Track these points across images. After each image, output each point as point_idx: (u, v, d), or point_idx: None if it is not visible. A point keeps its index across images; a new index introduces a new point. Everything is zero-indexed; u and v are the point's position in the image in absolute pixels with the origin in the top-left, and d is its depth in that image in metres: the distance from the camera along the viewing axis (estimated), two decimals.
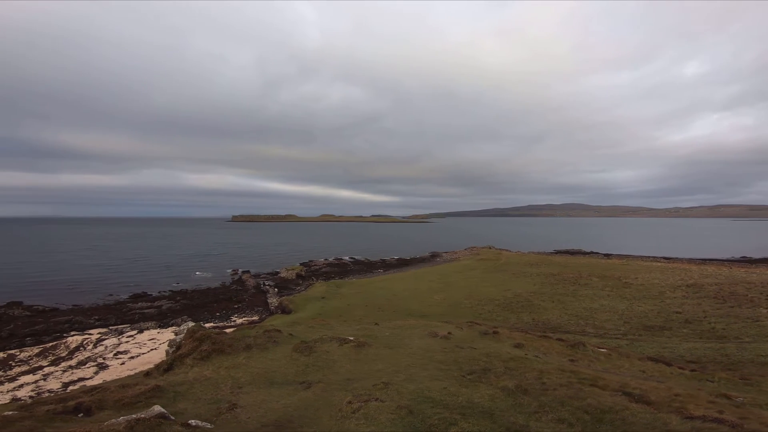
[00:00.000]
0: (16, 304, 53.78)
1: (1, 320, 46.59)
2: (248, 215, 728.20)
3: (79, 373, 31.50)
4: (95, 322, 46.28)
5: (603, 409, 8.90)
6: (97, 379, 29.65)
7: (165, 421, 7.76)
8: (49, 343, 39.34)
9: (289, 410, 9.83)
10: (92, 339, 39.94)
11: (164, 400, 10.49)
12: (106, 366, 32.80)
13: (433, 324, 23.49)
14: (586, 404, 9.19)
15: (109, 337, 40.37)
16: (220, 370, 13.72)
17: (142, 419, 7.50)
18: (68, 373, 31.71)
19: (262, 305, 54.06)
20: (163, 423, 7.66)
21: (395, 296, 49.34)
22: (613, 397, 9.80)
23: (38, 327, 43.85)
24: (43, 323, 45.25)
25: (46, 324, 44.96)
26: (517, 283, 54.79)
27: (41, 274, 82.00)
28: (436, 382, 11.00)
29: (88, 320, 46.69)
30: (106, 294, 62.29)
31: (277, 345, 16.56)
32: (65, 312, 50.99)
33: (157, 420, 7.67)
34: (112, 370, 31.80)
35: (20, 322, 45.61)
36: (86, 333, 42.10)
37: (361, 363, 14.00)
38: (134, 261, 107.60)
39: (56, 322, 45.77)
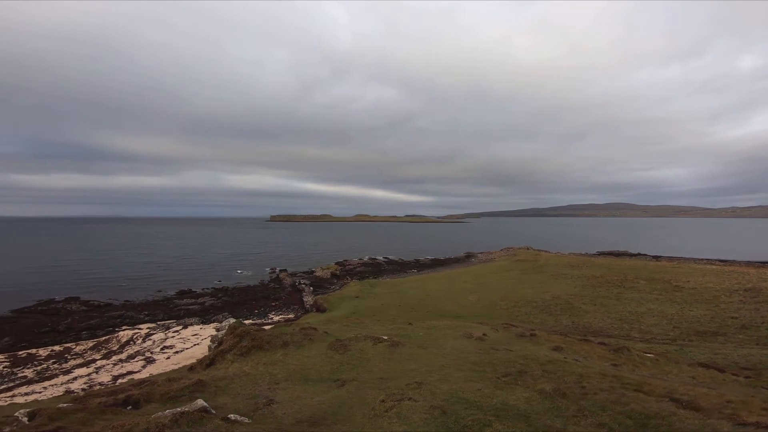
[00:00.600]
0: (74, 299, 57.76)
1: (60, 314, 50.14)
2: (285, 215, 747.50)
3: (128, 366, 33.23)
4: (144, 317, 48.93)
5: (647, 414, 8.44)
6: (144, 372, 31.11)
7: (207, 415, 8.13)
8: (103, 337, 41.69)
9: (323, 407, 9.99)
10: (141, 334, 42.10)
11: (206, 395, 10.94)
12: (153, 360, 34.41)
13: (467, 325, 23.13)
14: (629, 409, 8.75)
15: (157, 332, 42.46)
16: (259, 366, 14.14)
17: (186, 413, 7.90)
18: (118, 366, 33.48)
19: (297, 303, 55.32)
20: (205, 417, 8.03)
21: (429, 296, 49.01)
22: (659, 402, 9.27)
23: (93, 321, 46.70)
24: (97, 318, 48.22)
25: (100, 318, 47.89)
26: (556, 285, 52.93)
27: (97, 271, 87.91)
28: (471, 383, 10.82)
29: (138, 315, 49.48)
30: (155, 290, 65.86)
31: (312, 343, 16.88)
32: (118, 307, 54.33)
33: (199, 414, 8.04)
34: (158, 364, 33.32)
35: (77, 317, 48.83)
36: (136, 328, 44.42)
37: (394, 362, 14.02)
38: (181, 259, 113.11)
39: (110, 317, 48.72)
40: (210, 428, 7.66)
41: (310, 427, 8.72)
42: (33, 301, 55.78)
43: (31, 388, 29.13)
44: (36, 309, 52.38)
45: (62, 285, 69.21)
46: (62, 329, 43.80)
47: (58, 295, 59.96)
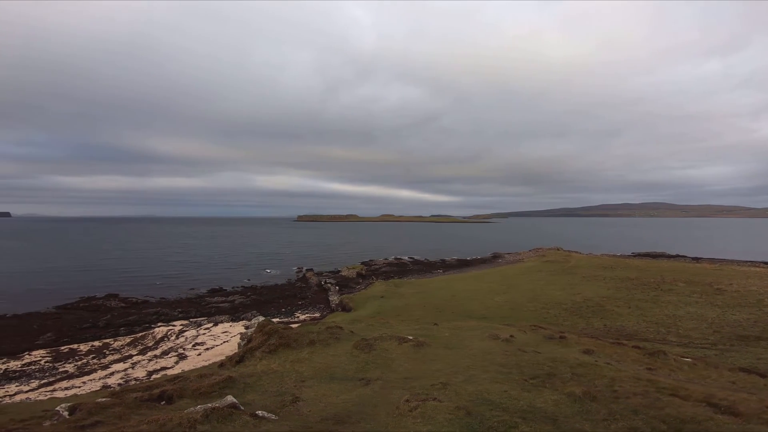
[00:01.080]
0: (113, 296, 60.28)
1: (100, 311, 52.47)
2: (312, 215, 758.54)
3: (162, 362, 34.11)
4: (178, 314, 50.50)
5: (683, 419, 8.09)
6: (176, 368, 31.80)
7: (236, 411, 8.40)
8: (139, 333, 42.98)
9: (348, 405, 10.09)
10: (175, 330, 43.33)
11: (235, 391, 11.25)
12: (185, 356, 35.27)
13: (493, 326, 22.73)
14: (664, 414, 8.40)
15: (189, 329, 43.65)
16: (286, 364, 14.41)
17: (216, 408, 8.20)
18: (153, 362, 34.37)
19: (323, 302, 55.97)
20: (234, 413, 8.30)
21: (454, 297, 48.51)
22: (695, 407, 8.87)
23: (131, 318, 48.36)
24: (135, 314, 49.93)
25: (137, 315, 49.55)
26: (587, 286, 51.27)
27: (134, 268, 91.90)
28: (496, 384, 10.65)
29: (172, 312, 51.15)
30: (188, 288, 68.20)
31: (338, 341, 17.05)
32: (154, 304, 56.50)
33: (229, 410, 8.33)
34: (190, 360, 34.14)
35: (116, 313, 50.82)
36: (170, 324, 45.72)
37: (419, 362, 13.97)
38: (212, 258, 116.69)
39: (146, 313, 50.47)
40: (238, 424, 7.90)
41: (334, 425, 8.82)
42: (76, 298, 58.73)
43: (71, 383, 30.17)
44: (78, 305, 55.15)
45: (102, 282, 72.73)
46: (102, 325, 45.57)
47: (98, 291, 62.92)
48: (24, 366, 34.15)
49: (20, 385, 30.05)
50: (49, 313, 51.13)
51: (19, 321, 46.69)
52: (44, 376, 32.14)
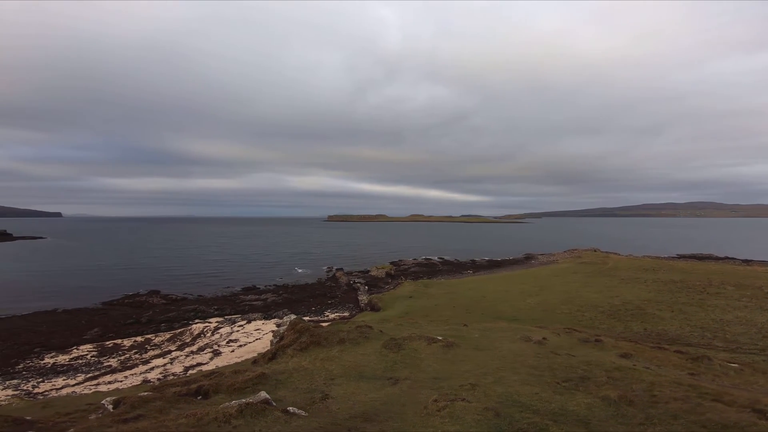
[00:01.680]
0: (155, 293, 63.14)
1: (143, 307, 55.03)
2: (342, 215, 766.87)
3: (197, 358, 35.10)
4: (214, 311, 52.13)
5: (725, 424, 7.66)
6: (211, 364, 32.48)
7: (268, 407, 8.72)
8: (178, 329, 44.47)
9: (376, 404, 10.17)
10: (211, 327, 44.50)
11: (268, 387, 11.56)
12: (220, 353, 36.13)
13: (525, 328, 22.19)
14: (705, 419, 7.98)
15: (224, 326, 44.72)
16: (316, 362, 14.65)
17: (250, 404, 8.55)
18: (189, 357, 35.39)
19: (352, 302, 56.45)
20: (267, 408, 8.62)
21: (484, 298, 47.71)
22: (739, 413, 8.38)
23: (171, 314, 50.35)
24: (174, 311, 51.99)
25: (177, 312, 51.56)
26: (627, 289, 49.12)
27: (175, 267, 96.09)
28: (527, 387, 10.43)
29: (208, 309, 52.90)
30: (224, 286, 70.59)
31: (367, 340, 17.18)
32: (192, 301, 58.77)
33: (262, 405, 8.65)
34: (224, 356, 34.91)
35: (158, 310, 53.15)
36: (207, 321, 47.04)
37: (448, 363, 13.88)
38: (247, 257, 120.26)
39: (185, 310, 52.41)
40: (270, 419, 8.18)
41: (362, 423, 8.92)
42: (121, 294, 61.95)
43: (114, 377, 31.22)
44: (123, 301, 58.16)
45: (146, 279, 76.49)
46: (144, 321, 47.66)
47: (142, 288, 66.21)
48: (71, 360, 35.74)
49: (67, 379, 31.30)
50: (97, 308, 54.23)
51: (69, 316, 49.62)
52: (90, 370, 33.47)
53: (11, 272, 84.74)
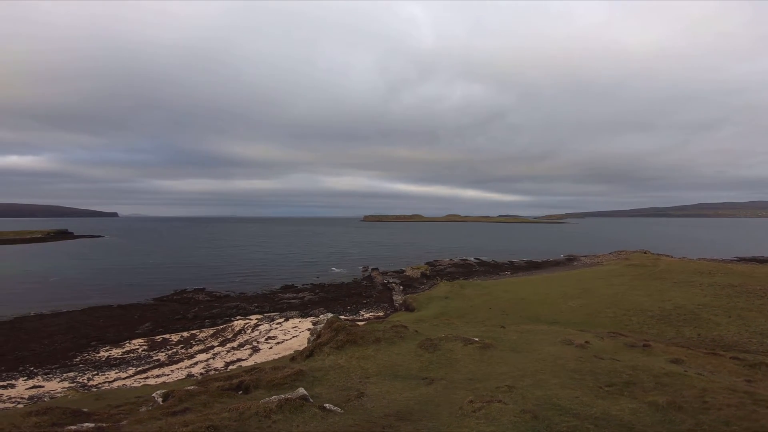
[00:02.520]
0: (201, 290, 66.10)
1: (189, 303, 57.76)
2: (378, 215, 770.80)
3: (238, 354, 36.23)
4: (254, 308, 53.80)
5: None
6: (250, 360, 33.45)
7: (306, 403, 8.98)
8: (221, 325, 46.21)
9: (411, 403, 10.17)
10: (251, 324, 45.93)
11: (305, 384, 11.84)
12: (258, 349, 37.18)
13: (566, 331, 21.34)
14: (760, 425, 7.40)
15: (263, 323, 46.05)
16: (352, 360, 14.81)
17: (289, 399, 8.84)
18: (230, 353, 36.60)
19: (387, 302, 56.56)
20: (305, 404, 8.89)
21: (522, 300, 46.36)
22: None
23: (214, 311, 52.52)
24: (218, 308, 54.17)
25: (220, 308, 53.72)
26: (679, 293, 46.16)
27: (219, 265, 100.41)
28: (567, 390, 10.03)
29: (249, 307, 54.69)
30: (263, 284, 72.87)
31: (403, 340, 17.18)
32: (234, 299, 61.07)
33: (300, 401, 8.92)
34: (262, 353, 35.86)
35: (202, 306, 55.59)
36: (247, 318, 48.64)
37: (484, 364, 13.62)
38: (286, 256, 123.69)
39: (227, 307, 54.52)
40: (308, 415, 8.42)
41: (397, 421, 8.95)
42: (170, 291, 65.39)
43: (161, 371, 32.41)
44: (172, 298, 61.37)
45: (192, 277, 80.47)
46: (190, 317, 49.88)
47: (189, 285, 69.60)
48: (124, 354, 37.60)
49: (119, 372, 32.80)
50: (149, 304, 57.54)
51: (124, 311, 52.91)
52: (140, 363, 34.92)
53: (72, 269, 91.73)
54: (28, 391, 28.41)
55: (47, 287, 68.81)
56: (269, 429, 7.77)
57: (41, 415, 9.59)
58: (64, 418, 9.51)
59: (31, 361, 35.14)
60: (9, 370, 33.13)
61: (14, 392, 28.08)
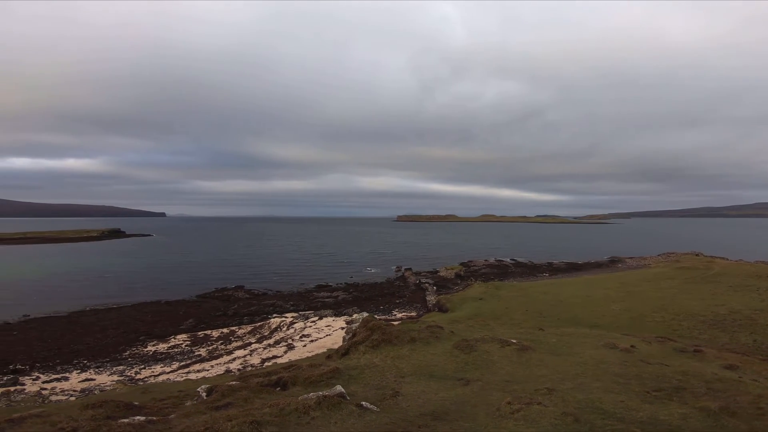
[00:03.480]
0: (240, 287, 68.40)
1: (230, 301, 59.87)
2: (411, 215, 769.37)
3: (273, 351, 36.89)
4: (290, 307, 54.91)
5: None
6: (285, 357, 33.81)
7: (343, 401, 9.14)
8: (258, 323, 47.40)
9: (447, 403, 10.10)
10: (287, 322, 46.81)
11: (341, 382, 12.01)
12: (293, 347, 37.73)
13: (610, 335, 20.43)
14: None
15: (298, 321, 46.84)
16: (387, 359, 14.87)
17: (327, 397, 9.03)
18: (266, 350, 37.31)
19: (420, 302, 56.26)
20: (342, 402, 9.04)
21: (561, 302, 44.74)
22: None
23: (252, 308, 54.06)
24: (256, 305, 55.72)
25: (258, 306, 55.25)
26: (735, 297, 43.11)
27: (258, 264, 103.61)
28: (611, 394, 9.63)
29: (285, 305, 55.91)
30: (299, 283, 74.53)
31: (438, 341, 17.09)
32: (271, 297, 62.76)
33: (337, 398, 9.10)
34: (297, 350, 36.36)
35: (242, 303, 57.45)
36: (283, 316, 49.65)
37: (522, 366, 13.31)
38: (321, 255, 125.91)
39: (264, 305, 55.98)
40: (345, 412, 8.57)
41: (433, 421, 8.93)
42: (212, 288, 68.06)
43: (202, 366, 33.11)
44: (213, 295, 63.90)
45: (233, 275, 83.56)
46: (230, 314, 51.66)
47: (229, 283, 72.20)
48: (169, 348, 38.99)
49: (164, 366, 33.89)
50: (192, 301, 60.25)
51: (170, 307, 55.60)
52: (183, 358, 36.01)
53: (124, 266, 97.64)
54: (81, 383, 29.70)
55: (101, 283, 73.61)
56: (308, 425, 7.94)
57: (97, 408, 10.09)
58: (117, 411, 9.98)
59: (85, 355, 37.05)
60: (64, 363, 34.93)
61: (68, 385, 29.46)
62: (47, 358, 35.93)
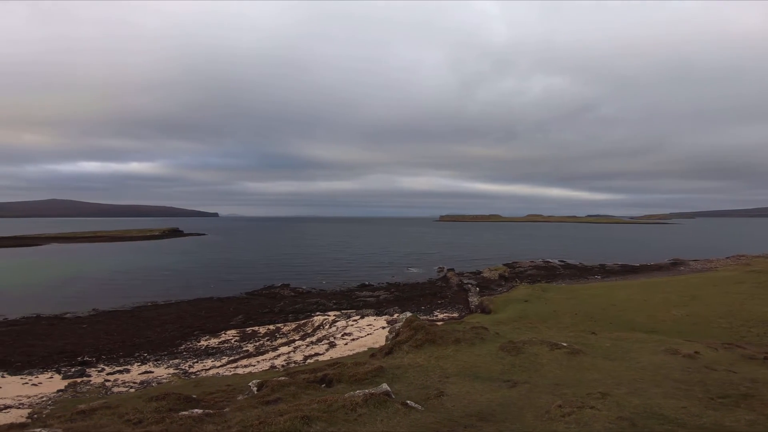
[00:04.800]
0: (286, 285, 70.53)
1: (276, 298, 61.96)
2: (454, 215, 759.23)
3: (316, 348, 37.32)
4: (333, 305, 55.94)
5: None
6: (326, 355, 33.91)
7: (389, 399, 9.16)
8: (302, 320, 48.50)
9: (492, 405, 9.92)
10: (329, 320, 47.34)
11: (384, 380, 12.08)
12: (335, 345, 37.88)
13: (671, 341, 19.11)
14: None
15: (340, 320, 47.17)
16: (431, 360, 14.78)
17: (374, 395, 9.10)
18: (309, 347, 37.86)
19: (462, 303, 55.31)
20: (388, 400, 9.06)
21: (614, 306, 42.28)
22: None
23: (297, 306, 55.71)
24: (300, 303, 57.42)
25: (302, 304, 56.90)
26: None
27: (303, 263, 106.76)
28: (672, 400, 9.04)
29: (328, 303, 57.04)
30: (342, 282, 75.88)
31: (483, 342, 16.78)
32: (314, 295, 64.38)
33: (383, 396, 9.14)
34: (338, 348, 36.43)
35: (287, 301, 59.37)
36: (326, 314, 50.29)
37: (573, 370, 12.79)
38: (363, 255, 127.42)
39: (308, 303, 57.54)
40: (391, 411, 8.61)
41: (478, 422, 8.80)
42: (260, 286, 70.81)
43: (249, 361, 33.76)
44: (261, 292, 66.49)
45: (279, 273, 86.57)
46: (276, 311, 53.49)
47: (276, 281, 74.65)
48: (220, 344, 40.39)
49: (214, 361, 34.98)
50: (242, 298, 63.09)
51: (221, 303, 58.56)
52: (232, 353, 37.12)
53: (182, 263, 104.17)
54: (140, 376, 31.21)
55: (162, 280, 78.86)
56: (355, 422, 8.03)
57: (160, 400, 10.62)
58: (178, 404, 10.48)
59: (146, 348, 39.22)
60: (126, 355, 37.20)
61: (129, 377, 31.04)
62: (112, 350, 38.44)
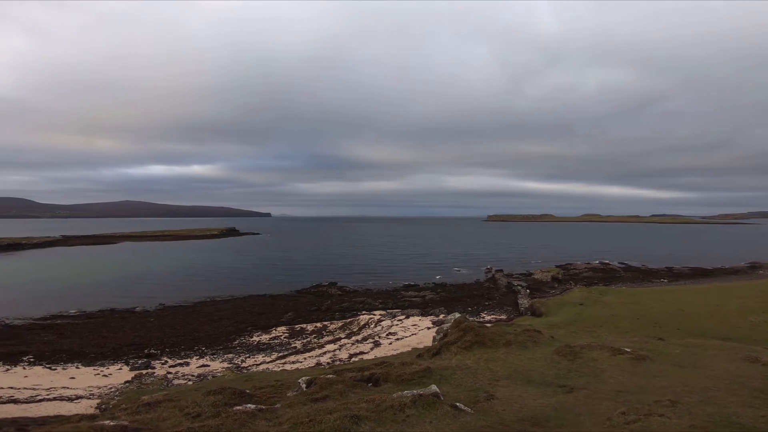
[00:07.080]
0: (333, 284, 71.69)
1: (323, 296, 63.24)
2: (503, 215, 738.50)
3: (360, 347, 37.27)
4: (378, 304, 56.05)
5: None
6: (371, 354, 33.71)
7: (438, 400, 8.92)
8: (348, 319, 48.96)
9: (547, 410, 9.43)
10: (374, 319, 47.27)
11: (432, 381, 11.86)
12: (379, 344, 37.60)
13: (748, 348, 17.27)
14: None
15: (386, 319, 46.99)
16: (480, 362, 14.34)
17: (423, 396, 8.90)
18: (354, 346, 37.86)
19: (511, 305, 53.40)
20: (437, 401, 8.83)
21: (682, 311, 38.79)
22: None
23: (344, 305, 56.55)
24: (347, 302, 58.21)
25: (349, 303, 57.68)
26: None
27: (351, 263, 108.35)
28: (751, 409, 8.15)
29: (374, 303, 57.28)
30: (388, 281, 76.23)
31: (536, 345, 16.07)
32: (361, 294, 65.04)
33: (432, 398, 8.92)
34: (382, 348, 36.12)
35: (334, 299, 60.41)
36: (372, 313, 50.30)
37: (637, 377, 11.89)
38: (409, 255, 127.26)
39: (355, 301, 58.21)
40: (440, 413, 8.39)
41: (532, 427, 8.41)
42: (309, 284, 72.51)
43: (296, 358, 34.11)
44: (310, 290, 68.11)
45: (327, 272, 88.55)
46: (324, 309, 54.56)
47: (323, 279, 76.26)
48: (270, 340, 41.33)
49: (264, 356, 35.67)
50: (291, 295, 65.13)
51: (273, 301, 60.65)
52: (281, 349, 37.75)
53: (238, 261, 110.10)
54: (198, 369, 32.67)
55: (220, 277, 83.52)
56: (404, 422, 7.90)
57: (217, 394, 10.92)
58: (233, 399, 10.74)
59: (204, 342, 41.18)
60: (187, 348, 39.16)
61: (188, 370, 32.53)
62: (175, 344, 40.72)
